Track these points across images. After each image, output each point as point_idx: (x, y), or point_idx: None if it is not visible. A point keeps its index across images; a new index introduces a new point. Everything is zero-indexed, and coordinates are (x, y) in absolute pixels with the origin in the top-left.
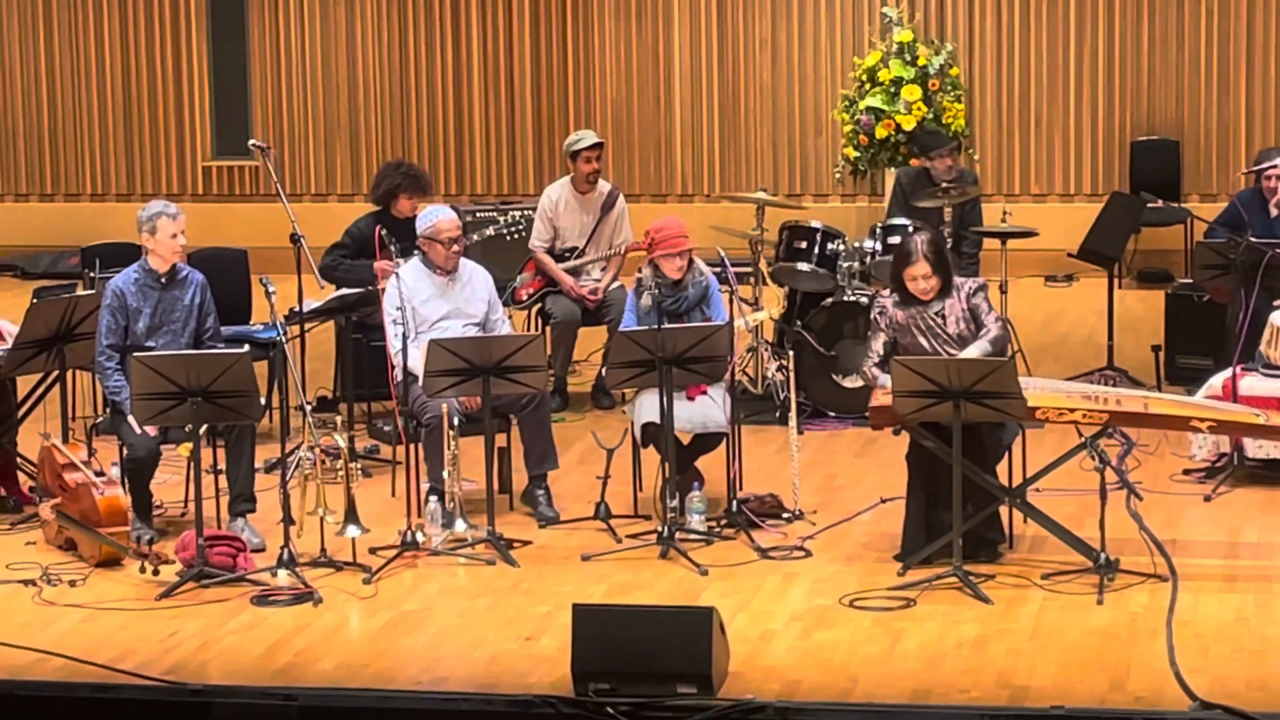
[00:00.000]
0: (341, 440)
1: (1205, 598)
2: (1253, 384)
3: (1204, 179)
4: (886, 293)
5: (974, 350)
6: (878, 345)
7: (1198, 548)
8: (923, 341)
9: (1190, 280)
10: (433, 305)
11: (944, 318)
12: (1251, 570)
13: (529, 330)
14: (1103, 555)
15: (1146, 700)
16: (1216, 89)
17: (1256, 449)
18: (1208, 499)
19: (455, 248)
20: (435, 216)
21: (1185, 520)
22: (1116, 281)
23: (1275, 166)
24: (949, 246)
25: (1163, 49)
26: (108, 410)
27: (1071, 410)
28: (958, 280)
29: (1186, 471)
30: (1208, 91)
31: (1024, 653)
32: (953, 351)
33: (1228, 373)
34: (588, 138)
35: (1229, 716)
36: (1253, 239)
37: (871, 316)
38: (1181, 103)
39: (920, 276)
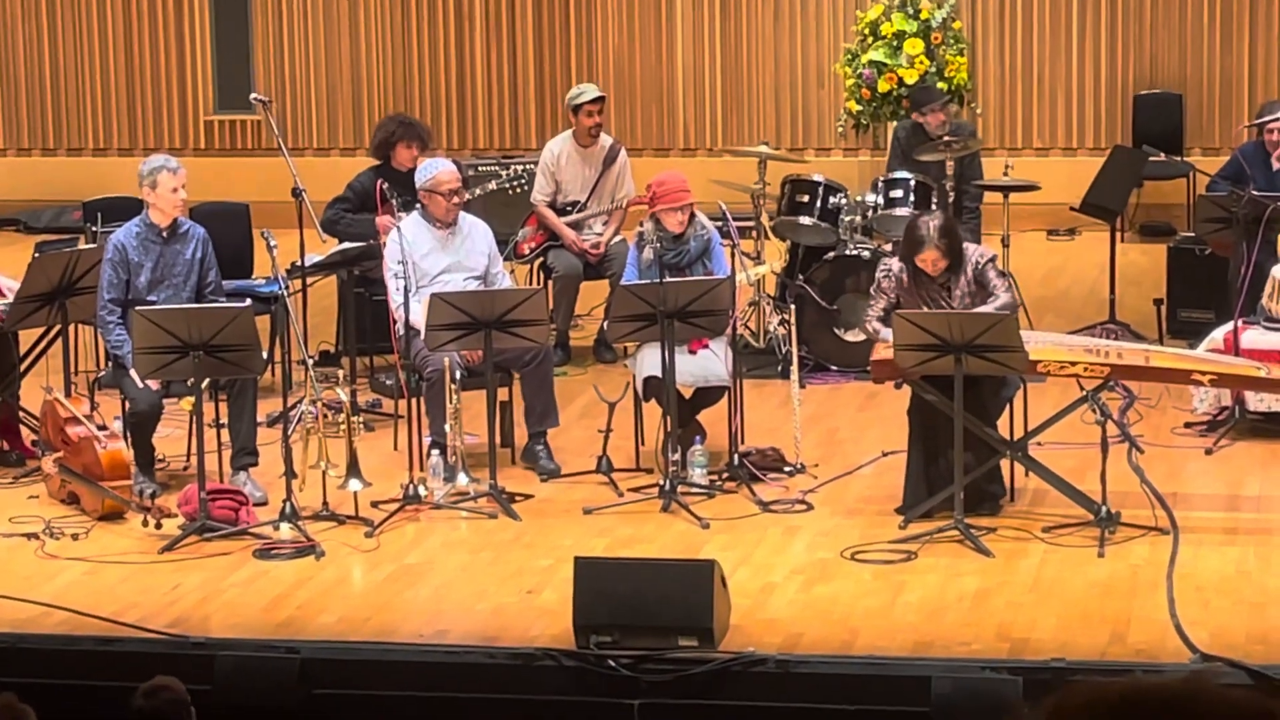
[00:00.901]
0: (343, 394)
1: (1206, 551)
2: (1254, 337)
3: (1206, 132)
4: (894, 260)
5: (996, 305)
6: (883, 301)
7: (1199, 501)
8: (923, 309)
9: (1192, 234)
10: (433, 259)
11: (949, 290)
12: (1252, 523)
13: (531, 284)
14: (1104, 508)
15: (1147, 652)
16: (1219, 42)
17: (1258, 402)
18: (1209, 452)
19: (455, 200)
20: (435, 169)
21: (1186, 473)
22: (1118, 235)
23: (1277, 119)
24: (950, 200)
25: (1165, 2)
26: (110, 364)
27: (1073, 364)
28: (968, 250)
29: (1188, 425)
30: (1210, 45)
31: (1024, 605)
32: None
33: (1229, 326)
34: (590, 91)
35: (1229, 668)
36: (1255, 192)
37: (876, 277)
38: (1184, 56)
39: (931, 261)
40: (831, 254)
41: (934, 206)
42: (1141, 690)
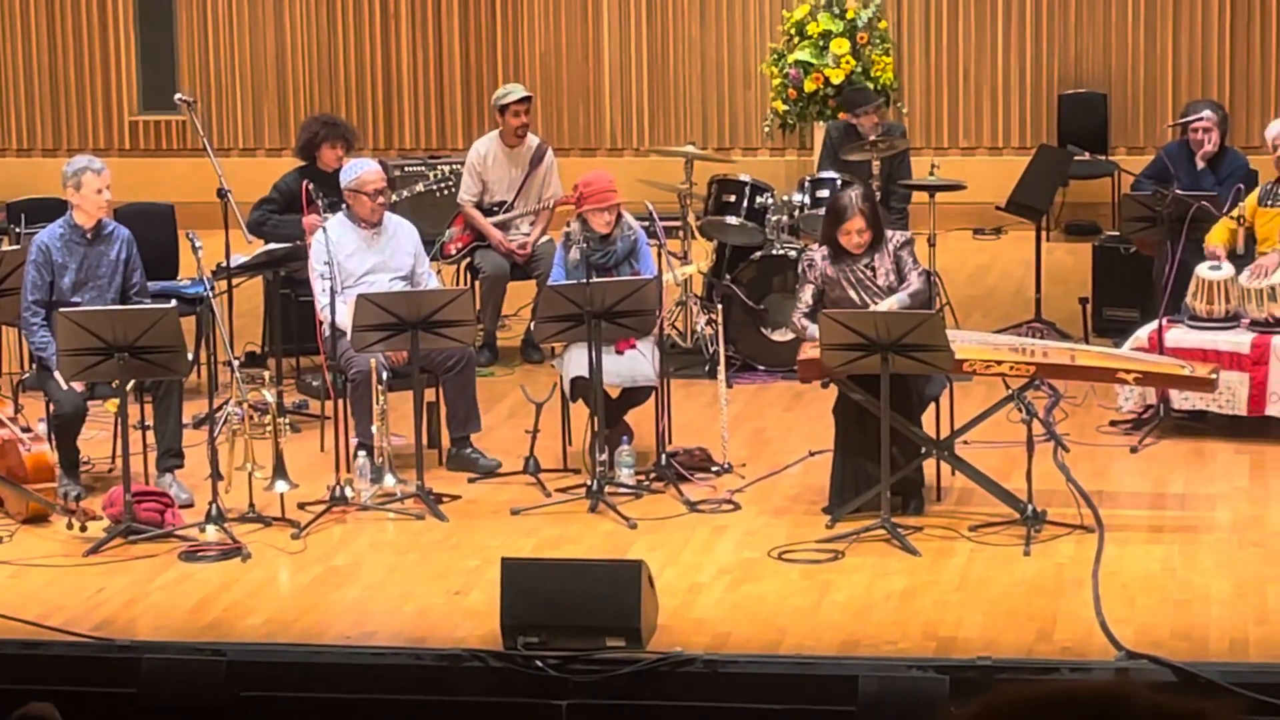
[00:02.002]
0: (270, 395)
1: (1131, 549)
2: (1179, 336)
3: (1131, 132)
4: (815, 247)
5: (891, 302)
6: (806, 296)
7: (1124, 499)
8: (852, 294)
9: (1117, 233)
10: (358, 259)
11: (874, 270)
12: (1177, 521)
13: (458, 285)
14: (1030, 507)
15: (1073, 650)
16: (1143, 42)
17: (1182, 401)
18: (1134, 450)
19: (380, 200)
20: (360, 169)
21: (1112, 472)
22: (1044, 234)
23: (1201, 119)
24: (878, 200)
25: (1089, 2)
26: (34, 366)
27: (999, 362)
28: (887, 233)
29: (1113, 423)
30: (1134, 45)
31: (951, 604)
32: (880, 303)
33: (1154, 325)
34: (516, 91)
35: (1154, 666)
36: (1179, 192)
37: (800, 269)
38: (1109, 56)
39: (855, 231)
40: (758, 254)
41: None
42: (1070, 691)
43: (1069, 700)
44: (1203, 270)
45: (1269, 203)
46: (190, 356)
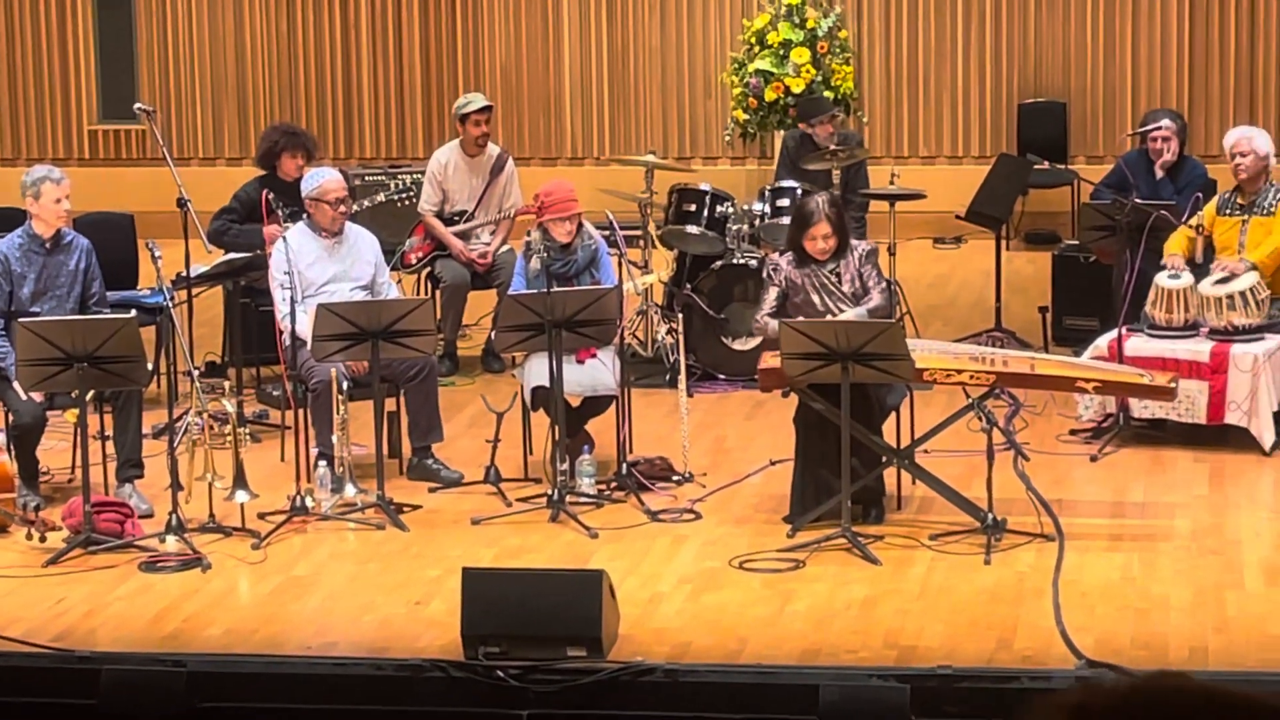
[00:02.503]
0: (230, 405)
1: (1091, 557)
2: (1138, 345)
3: (1090, 141)
4: (778, 255)
5: (850, 317)
6: (770, 298)
7: (1084, 507)
8: (815, 298)
9: (1077, 242)
10: (318, 268)
11: (838, 275)
12: (1137, 529)
13: (418, 294)
14: (990, 515)
15: (1033, 659)
16: (1103, 52)
17: (1142, 409)
18: (1094, 459)
19: (341, 209)
20: (321, 178)
21: (1072, 480)
22: (1004, 243)
23: (1160, 128)
24: None
25: (1049, 12)
26: None
27: (959, 371)
28: (853, 241)
29: (1073, 432)
30: (1094, 54)
31: (912, 613)
32: (845, 308)
33: (1113, 333)
34: (476, 100)
35: (1114, 674)
36: (1138, 200)
37: (764, 272)
38: (1068, 65)
39: (821, 236)
40: (719, 263)
41: None
42: (1167, 689)
43: (1167, 697)
44: (1162, 279)
45: (1227, 211)
46: (150, 366)
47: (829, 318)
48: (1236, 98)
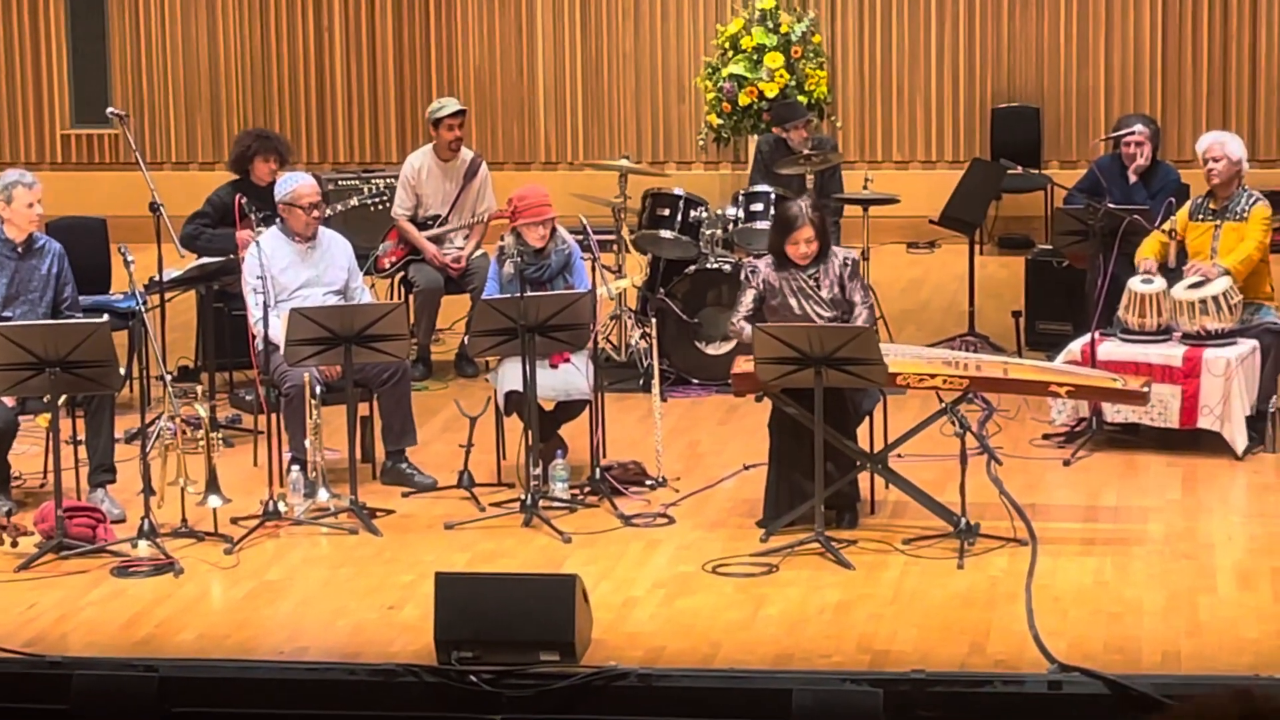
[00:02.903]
0: (202, 410)
1: (1064, 561)
2: (1111, 349)
3: (1064, 146)
4: (755, 258)
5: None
6: (747, 300)
7: (1057, 512)
8: (793, 302)
9: (1050, 246)
10: (292, 273)
11: (817, 281)
12: (1109, 534)
13: (392, 299)
14: (963, 520)
15: (1006, 663)
16: (1076, 56)
17: (1115, 413)
18: (1067, 463)
19: (315, 214)
20: (295, 183)
21: (1044, 485)
22: (977, 248)
23: (1134, 133)
24: None
25: (1023, 16)
26: None
27: (932, 376)
28: (834, 248)
29: (1046, 436)
30: (1067, 59)
31: (885, 617)
32: (822, 313)
33: (1086, 338)
34: (450, 105)
35: (1087, 679)
36: (1111, 205)
37: (742, 274)
38: (1041, 70)
39: (804, 241)
40: (692, 267)
41: None
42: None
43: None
44: (1135, 284)
45: (1200, 217)
46: (122, 371)
47: (806, 322)
48: (1209, 103)
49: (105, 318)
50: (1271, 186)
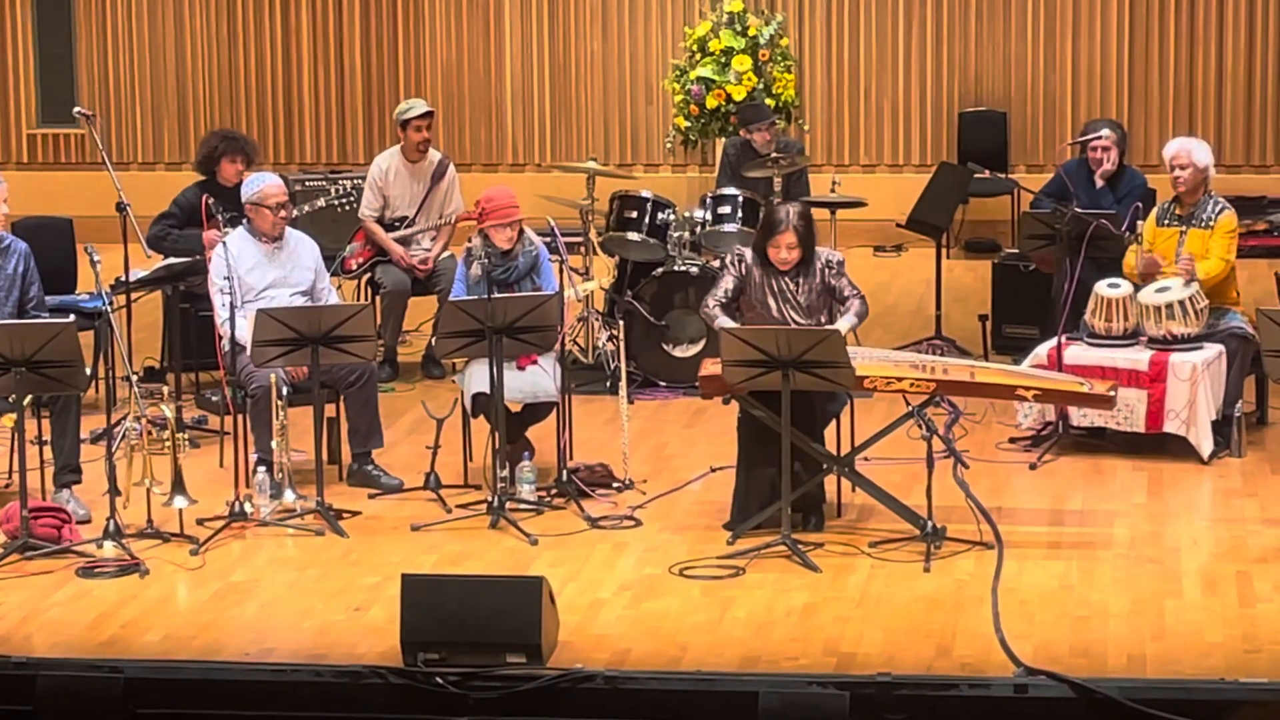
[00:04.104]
0: (168, 410)
1: (1030, 565)
2: (1077, 353)
3: (1030, 150)
4: (744, 248)
5: (844, 324)
6: (727, 284)
7: (1023, 515)
8: (770, 302)
9: (1017, 250)
10: (258, 273)
11: (797, 286)
12: (1075, 537)
13: (359, 300)
14: (930, 523)
15: (972, 666)
16: (1043, 61)
17: (1081, 417)
18: (1033, 467)
19: (282, 214)
20: (261, 183)
21: (1011, 488)
22: (944, 251)
23: (1100, 138)
24: None
25: (990, 21)
26: None
27: (899, 379)
28: (818, 251)
29: (1012, 440)
30: (1034, 64)
31: (852, 620)
32: (798, 318)
33: (1053, 342)
34: (418, 106)
35: (1053, 682)
36: (1078, 209)
37: (726, 260)
38: (1008, 74)
39: (785, 246)
40: (660, 270)
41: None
42: None
43: None
44: (1101, 288)
45: (1166, 222)
46: (88, 371)
47: (780, 325)
48: (1175, 108)
49: (71, 318)
50: (1236, 191)
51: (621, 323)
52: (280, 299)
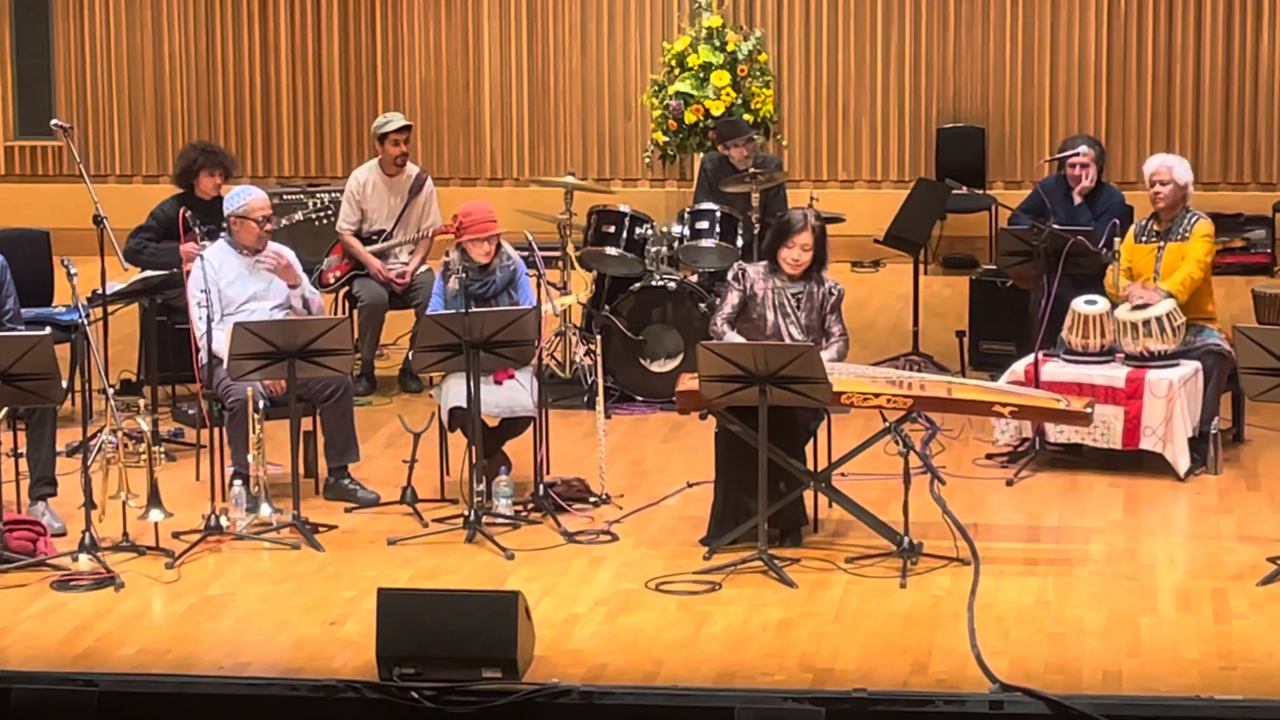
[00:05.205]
0: (144, 424)
1: (1006, 581)
2: (1054, 369)
3: (1008, 166)
4: (745, 263)
5: (829, 354)
6: (732, 299)
7: (999, 531)
8: (770, 315)
9: (994, 266)
10: (239, 286)
11: (799, 302)
12: (1052, 554)
13: (336, 313)
14: (906, 539)
15: (948, 682)
16: (1021, 77)
17: (1058, 434)
18: (1010, 483)
19: (268, 226)
20: (248, 195)
21: (987, 504)
22: (922, 267)
23: (1078, 154)
24: (755, 232)
25: (968, 37)
26: None
27: (876, 395)
28: (825, 275)
29: (989, 456)
30: (1012, 80)
31: (828, 636)
32: (795, 335)
33: (1030, 358)
34: (396, 120)
35: (1028, 698)
36: (1055, 226)
37: (730, 275)
38: (987, 91)
39: (799, 246)
40: (637, 285)
41: (740, 238)
42: None
43: None
44: (1078, 304)
45: (1144, 239)
46: (65, 384)
47: (777, 339)
48: (1153, 125)
49: (48, 330)
50: (1213, 208)
51: (599, 337)
52: (260, 312)
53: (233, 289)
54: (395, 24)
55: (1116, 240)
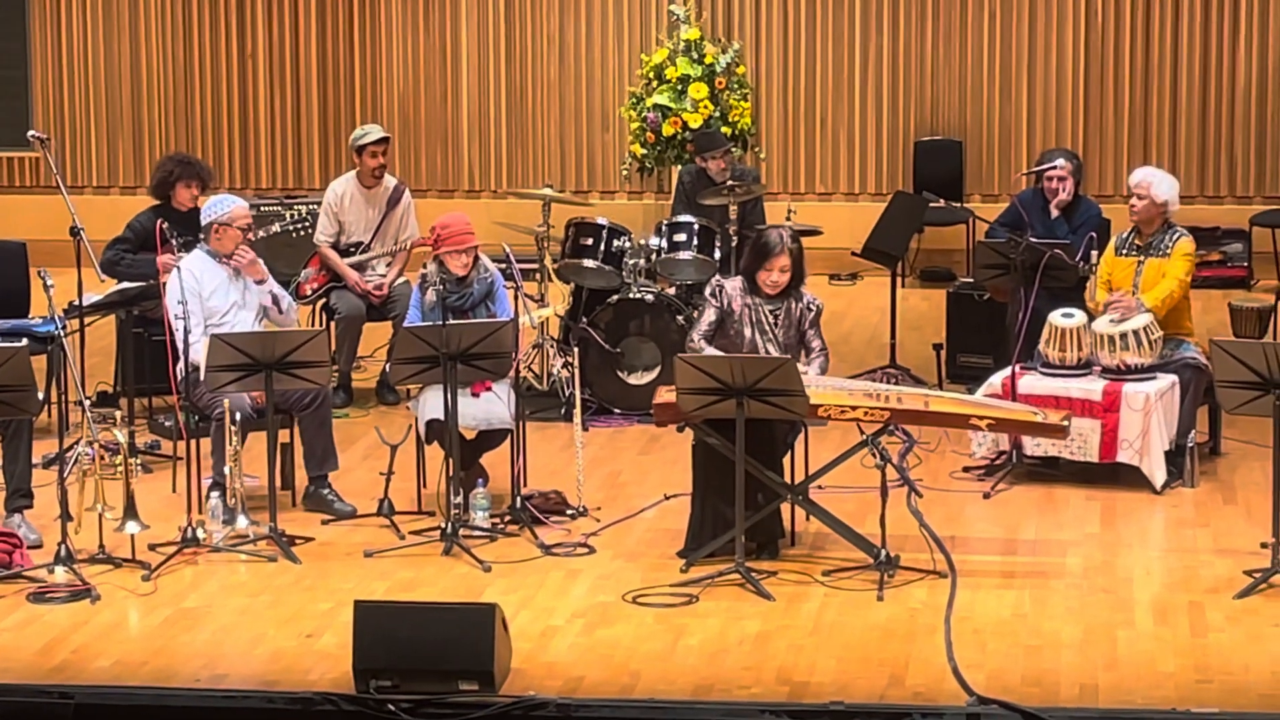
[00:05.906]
0: (121, 435)
1: (983, 594)
2: (1031, 382)
3: (986, 179)
4: (723, 278)
5: (812, 370)
6: (710, 316)
7: (976, 544)
8: (748, 332)
9: (971, 279)
10: (220, 295)
11: (777, 318)
12: (1029, 567)
13: (313, 325)
14: (883, 552)
15: (925, 695)
16: (999, 91)
17: (1035, 447)
18: (987, 496)
19: (250, 236)
20: (229, 204)
21: (964, 517)
22: (899, 280)
23: (1055, 168)
24: (733, 245)
25: (946, 50)
26: None
27: (854, 408)
28: (802, 291)
29: (966, 469)
30: (990, 93)
31: (805, 648)
32: (773, 350)
33: (1007, 371)
34: (374, 132)
35: (1005, 711)
36: (1032, 239)
37: (707, 291)
38: (964, 104)
39: (778, 269)
40: (615, 297)
41: (717, 251)
42: None
43: None
44: (1056, 318)
45: (1124, 252)
46: (41, 395)
47: (750, 355)
48: (1131, 138)
49: (24, 342)
50: (1190, 222)
51: (576, 349)
52: (243, 321)
53: (215, 299)
54: (373, 36)
55: (1094, 253)
